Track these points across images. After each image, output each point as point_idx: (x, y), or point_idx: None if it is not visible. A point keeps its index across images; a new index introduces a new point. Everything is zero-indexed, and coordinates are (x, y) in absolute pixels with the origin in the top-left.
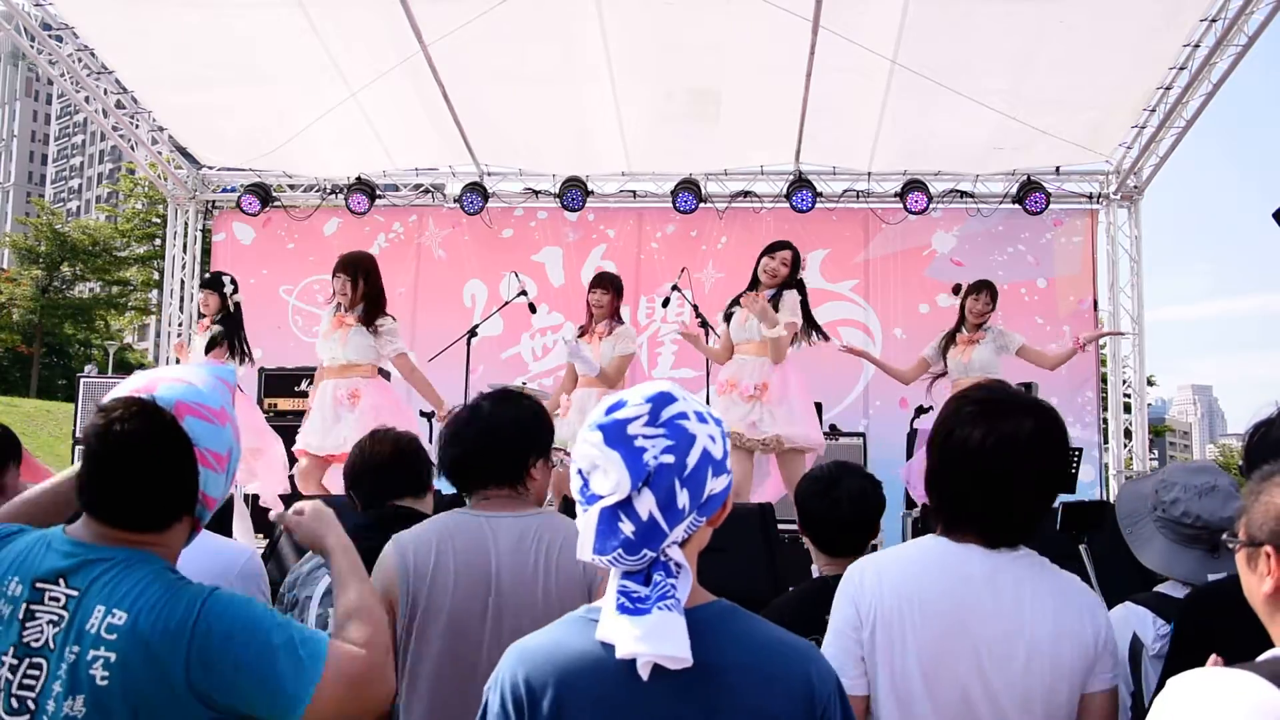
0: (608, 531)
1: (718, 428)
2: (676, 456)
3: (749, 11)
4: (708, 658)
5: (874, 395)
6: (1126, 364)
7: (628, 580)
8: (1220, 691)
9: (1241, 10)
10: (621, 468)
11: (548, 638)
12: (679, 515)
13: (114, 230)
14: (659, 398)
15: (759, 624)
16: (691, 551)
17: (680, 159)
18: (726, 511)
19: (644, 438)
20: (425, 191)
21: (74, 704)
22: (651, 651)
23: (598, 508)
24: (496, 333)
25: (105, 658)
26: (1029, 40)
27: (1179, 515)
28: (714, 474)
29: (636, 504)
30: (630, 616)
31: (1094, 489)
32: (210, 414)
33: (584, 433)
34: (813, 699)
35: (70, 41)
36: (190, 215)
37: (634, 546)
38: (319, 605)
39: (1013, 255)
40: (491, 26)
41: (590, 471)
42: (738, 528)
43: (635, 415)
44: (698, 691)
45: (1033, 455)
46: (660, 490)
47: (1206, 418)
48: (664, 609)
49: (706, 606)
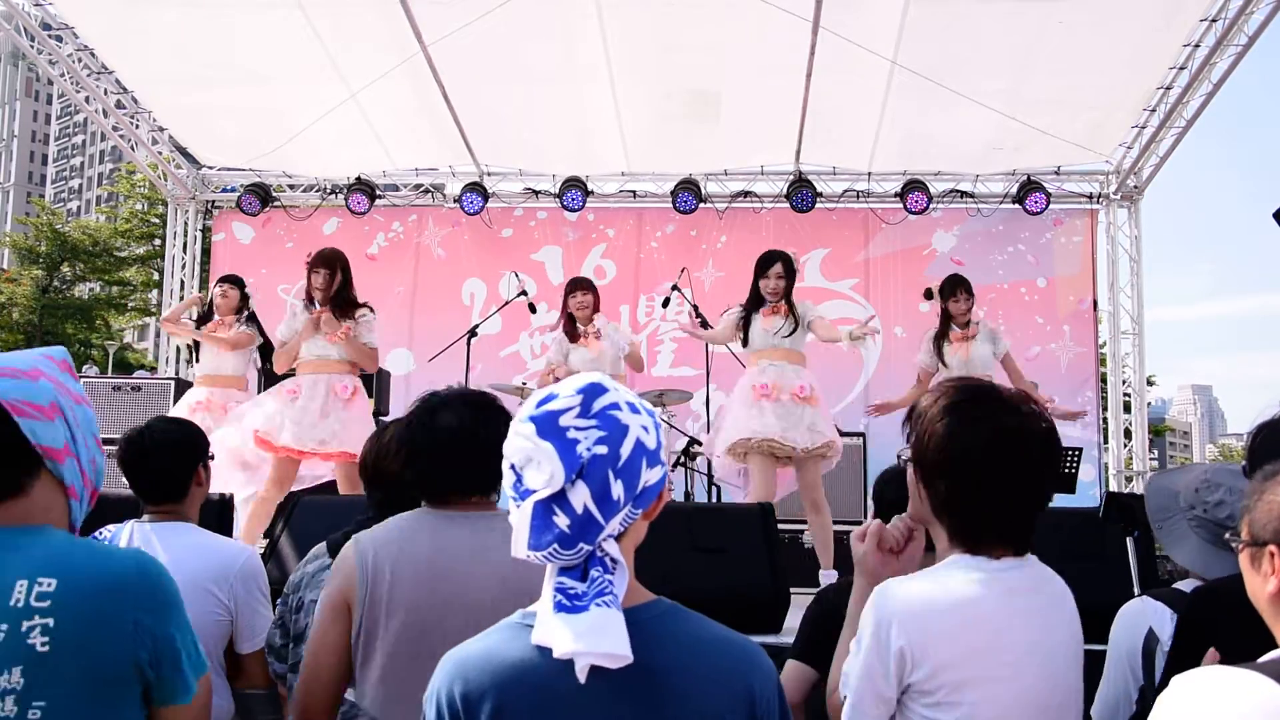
0: (542, 526)
1: (650, 418)
2: (610, 447)
3: (749, 12)
4: (648, 657)
5: (874, 395)
6: (1126, 364)
7: (564, 577)
8: (1225, 691)
9: (1241, 10)
10: (555, 459)
11: (482, 645)
12: (614, 507)
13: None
14: (590, 389)
15: (701, 622)
16: (628, 548)
17: (680, 159)
18: (661, 504)
19: (576, 429)
20: (425, 191)
21: (10, 677)
22: (589, 649)
23: (531, 502)
24: (495, 331)
25: (43, 624)
26: (1029, 40)
27: (1224, 518)
28: (648, 465)
29: (570, 496)
30: (567, 615)
31: (1094, 489)
32: (15, 372)
33: (516, 425)
34: (754, 699)
35: (70, 41)
36: (190, 215)
37: (569, 540)
38: None
39: (1013, 255)
40: (491, 26)
41: (524, 465)
42: (738, 528)
43: (567, 406)
44: (638, 691)
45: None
46: (594, 482)
47: (1206, 418)
48: (601, 605)
49: (646, 606)
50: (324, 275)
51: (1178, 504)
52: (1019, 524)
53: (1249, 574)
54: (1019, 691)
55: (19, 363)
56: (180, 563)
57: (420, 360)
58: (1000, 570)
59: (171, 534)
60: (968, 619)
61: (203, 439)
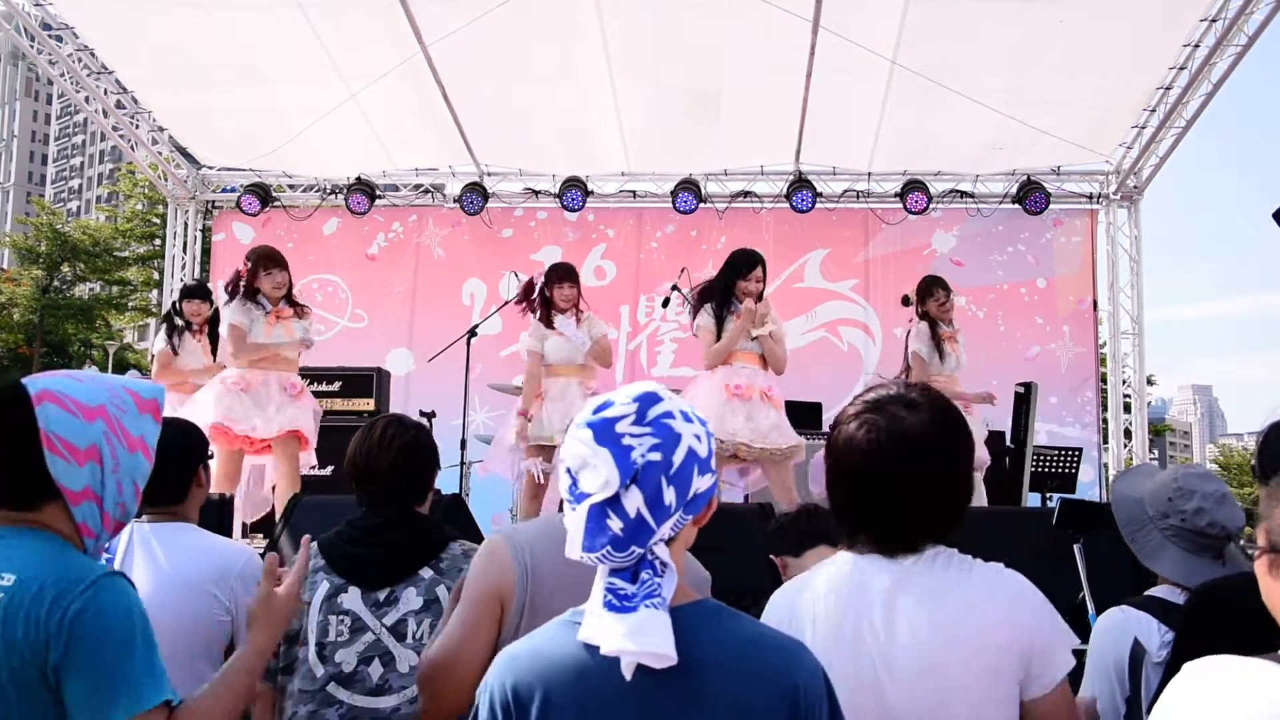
0: (596, 529)
1: (702, 427)
2: (663, 454)
3: (749, 11)
4: (690, 654)
5: None
6: (1126, 364)
7: (615, 578)
8: (1238, 679)
9: (1241, 10)
10: (611, 464)
11: (533, 642)
12: (666, 512)
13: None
14: (646, 397)
15: (745, 622)
16: (677, 551)
17: (680, 159)
18: (711, 510)
19: (631, 436)
20: (425, 191)
21: None
22: (636, 648)
23: (586, 505)
24: (495, 331)
25: None
26: (1029, 40)
27: (1204, 525)
28: (699, 472)
29: (625, 501)
30: (616, 614)
31: (1093, 489)
32: (76, 407)
33: (573, 431)
34: (796, 696)
35: (70, 41)
36: (190, 215)
37: (622, 543)
38: (319, 612)
39: (1012, 255)
40: (491, 27)
41: (579, 470)
42: (738, 528)
43: (623, 414)
44: (681, 688)
45: (919, 453)
46: (648, 487)
47: (1206, 417)
48: (650, 607)
49: (692, 605)
50: (281, 275)
51: (1145, 513)
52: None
53: (1265, 580)
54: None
55: (88, 398)
56: (181, 564)
57: (420, 360)
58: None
59: (171, 535)
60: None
61: (202, 440)
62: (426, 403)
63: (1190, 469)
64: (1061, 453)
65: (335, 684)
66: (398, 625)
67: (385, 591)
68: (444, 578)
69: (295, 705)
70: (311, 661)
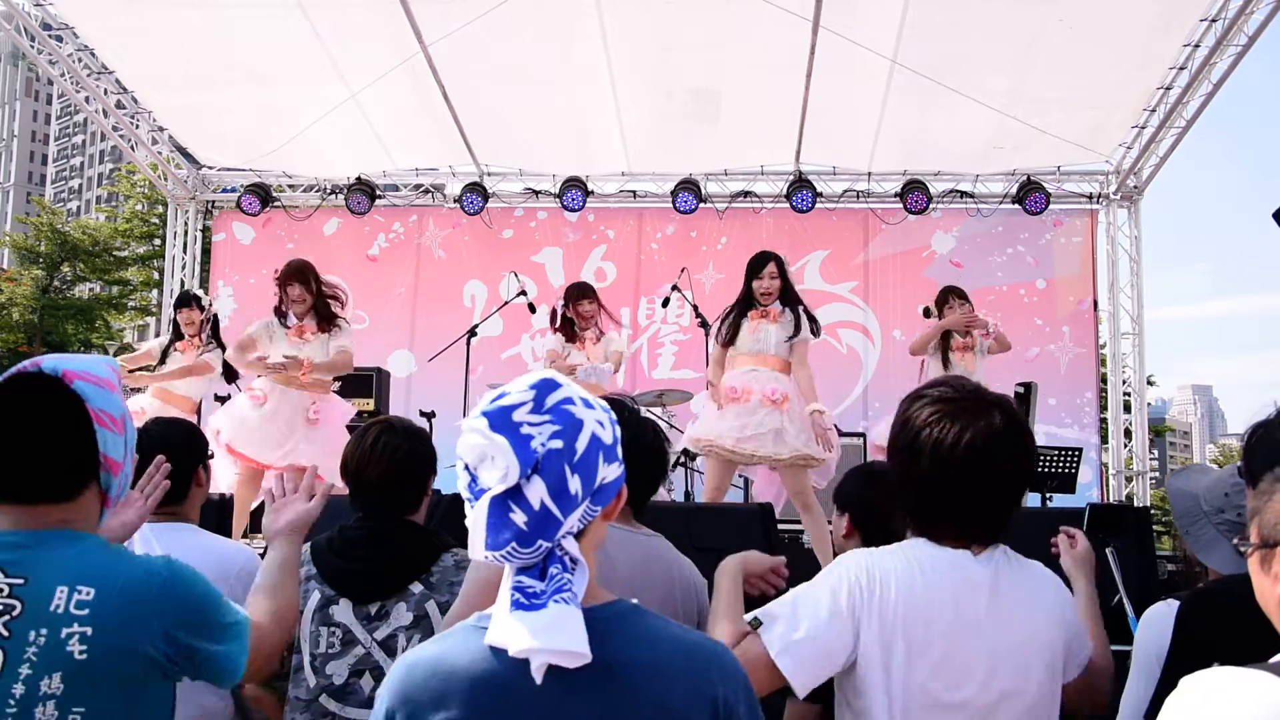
0: (499, 524)
1: (605, 414)
2: (565, 442)
3: (749, 11)
4: (606, 655)
5: (874, 396)
6: (1126, 364)
7: (522, 576)
8: (1235, 691)
9: (1241, 10)
10: (510, 454)
11: (434, 649)
12: (572, 502)
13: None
14: (543, 384)
15: (663, 623)
16: (588, 547)
17: (680, 159)
18: (621, 502)
19: (530, 424)
20: (425, 191)
21: (50, 682)
22: (546, 646)
23: (486, 499)
24: (496, 333)
25: (81, 633)
26: (1029, 40)
27: None
28: (605, 460)
29: (527, 492)
30: (524, 613)
31: (1092, 489)
32: (98, 379)
33: (468, 422)
34: (715, 697)
35: (70, 41)
36: (190, 215)
37: (527, 538)
38: (311, 623)
39: (1012, 256)
40: (491, 26)
41: (478, 463)
42: (738, 528)
43: (520, 401)
44: (596, 689)
45: (1007, 451)
46: (550, 476)
47: (1206, 418)
48: (560, 602)
49: (606, 605)
50: (300, 288)
51: (1200, 508)
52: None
53: (1258, 577)
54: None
55: (97, 370)
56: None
57: (421, 361)
58: (953, 557)
59: (171, 535)
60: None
61: (202, 440)
62: (427, 403)
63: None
64: (1061, 453)
65: (327, 696)
66: (388, 640)
67: (376, 605)
68: (434, 592)
69: (292, 713)
70: (305, 672)
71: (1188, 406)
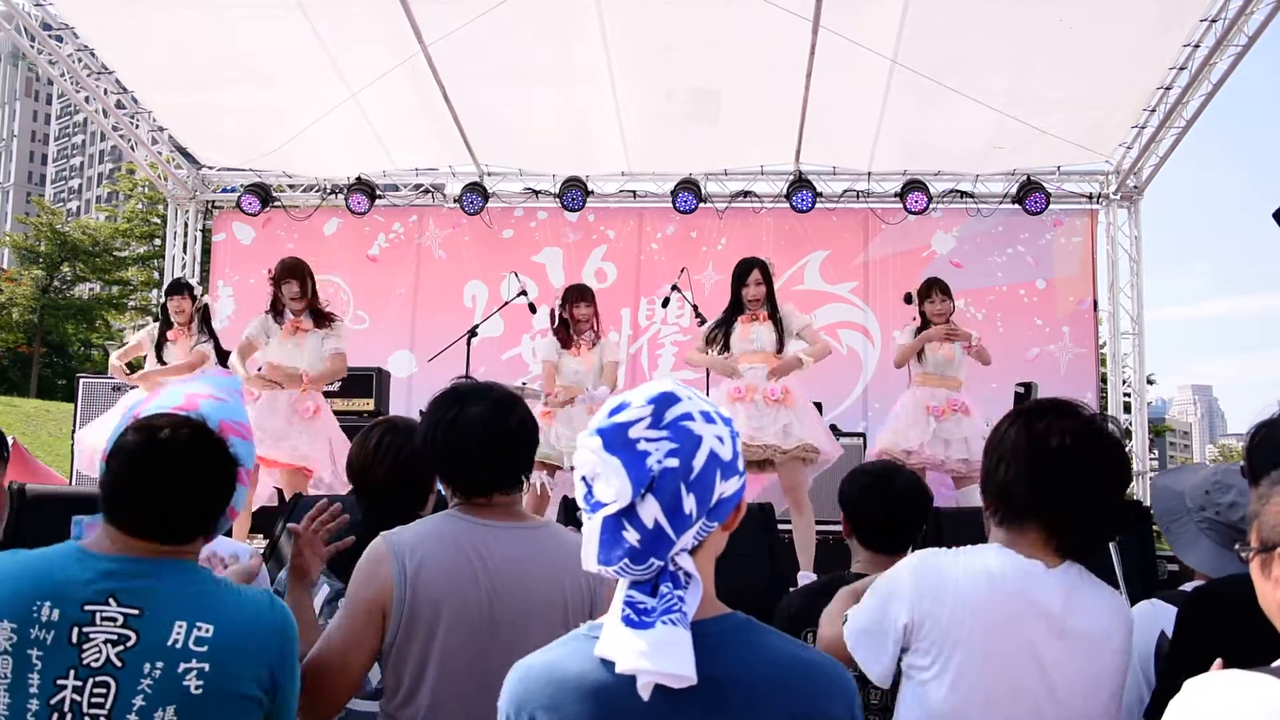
0: (611, 541)
1: (726, 428)
2: (681, 460)
3: (749, 11)
4: (714, 672)
5: (873, 396)
6: (1126, 364)
7: (634, 590)
8: (1239, 694)
9: (1241, 10)
10: (622, 474)
11: (547, 657)
12: (686, 521)
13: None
14: (662, 398)
15: (773, 638)
16: (705, 559)
17: (680, 159)
18: (740, 515)
19: (647, 441)
20: (425, 191)
21: (164, 714)
22: (653, 668)
23: (600, 516)
24: (497, 333)
25: (199, 669)
26: (1029, 40)
27: (1238, 519)
28: (723, 476)
29: (640, 511)
30: (634, 630)
31: None
32: (245, 431)
33: (583, 438)
34: (826, 715)
35: (70, 41)
36: (190, 215)
37: (640, 555)
38: (322, 615)
39: (1012, 256)
40: (491, 26)
41: (593, 479)
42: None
43: (637, 418)
44: (702, 705)
45: (1098, 452)
46: (665, 496)
47: (1206, 418)
48: (668, 623)
49: (719, 619)
50: (296, 285)
51: (1184, 505)
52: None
53: (1259, 580)
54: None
55: (244, 418)
56: None
57: (422, 361)
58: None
59: None
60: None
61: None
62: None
63: (1233, 466)
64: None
65: None
66: None
67: None
68: None
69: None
70: None
71: (1188, 406)
